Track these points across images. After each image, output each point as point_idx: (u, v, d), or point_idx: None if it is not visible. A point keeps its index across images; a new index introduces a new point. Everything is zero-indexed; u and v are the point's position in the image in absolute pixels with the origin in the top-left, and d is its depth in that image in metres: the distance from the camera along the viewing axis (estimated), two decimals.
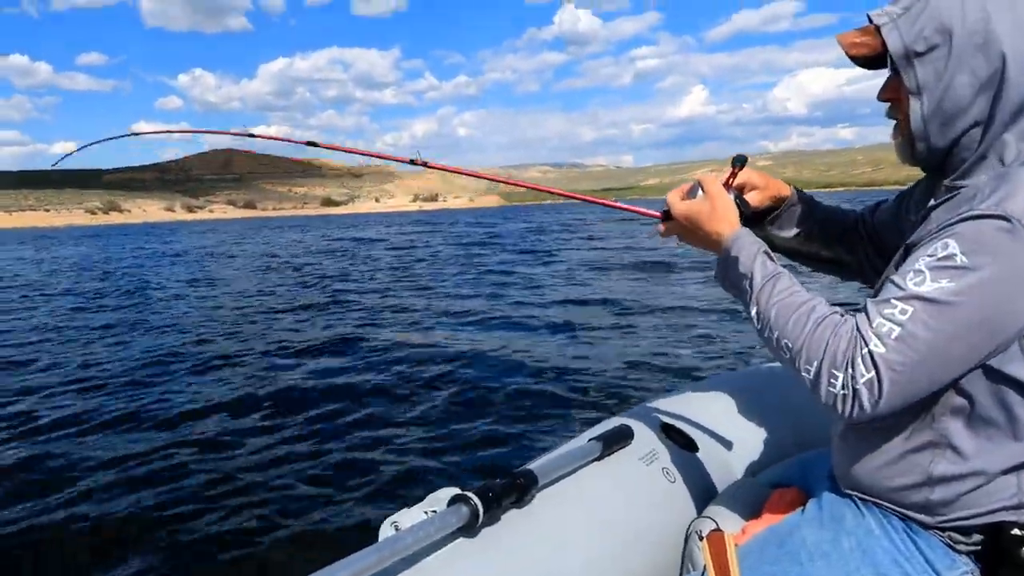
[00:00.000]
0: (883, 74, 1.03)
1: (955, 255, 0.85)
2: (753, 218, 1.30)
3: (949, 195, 0.97)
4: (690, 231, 1.18)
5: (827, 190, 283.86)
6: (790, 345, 0.94)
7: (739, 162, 1.25)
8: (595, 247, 20.98)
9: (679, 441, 1.56)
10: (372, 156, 2.02)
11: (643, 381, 5.40)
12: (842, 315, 0.94)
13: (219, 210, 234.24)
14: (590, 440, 1.44)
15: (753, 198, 1.28)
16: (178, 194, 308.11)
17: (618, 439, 1.46)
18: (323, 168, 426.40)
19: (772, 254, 1.07)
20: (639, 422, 1.57)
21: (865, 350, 0.86)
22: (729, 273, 1.09)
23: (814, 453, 1.43)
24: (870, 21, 0.99)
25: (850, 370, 0.86)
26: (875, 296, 0.94)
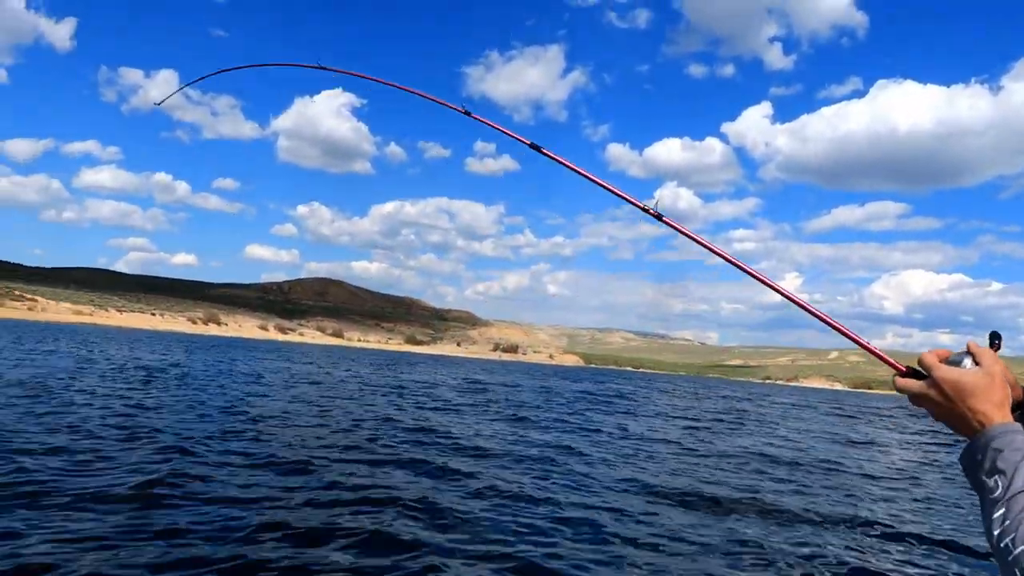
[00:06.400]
0: None
1: None
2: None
3: None
4: (946, 400, 1.00)
5: None
6: None
7: (997, 338, 1.06)
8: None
9: None
10: None
11: None
12: None
13: (309, 335, 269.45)
14: None
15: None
16: (273, 315, 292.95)
17: None
18: (413, 307, 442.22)
19: None
20: None
21: None
22: (984, 463, 0.93)
23: None
24: None
25: None
26: None
